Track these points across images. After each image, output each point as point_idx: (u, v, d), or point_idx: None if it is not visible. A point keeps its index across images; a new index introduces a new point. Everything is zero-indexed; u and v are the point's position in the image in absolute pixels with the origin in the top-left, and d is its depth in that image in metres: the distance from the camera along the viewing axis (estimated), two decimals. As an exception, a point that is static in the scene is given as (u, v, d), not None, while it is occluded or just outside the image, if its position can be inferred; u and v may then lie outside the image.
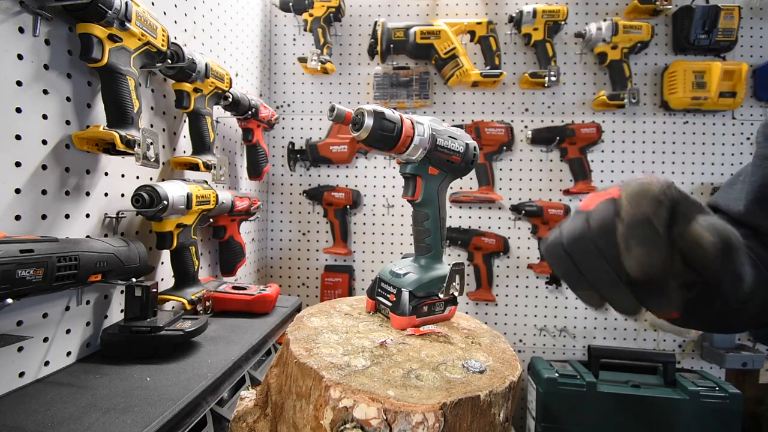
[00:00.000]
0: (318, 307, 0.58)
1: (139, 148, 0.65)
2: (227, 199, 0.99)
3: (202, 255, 1.01)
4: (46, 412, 0.48)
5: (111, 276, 0.63)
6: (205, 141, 0.93)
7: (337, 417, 0.35)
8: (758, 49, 1.53)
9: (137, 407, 0.50)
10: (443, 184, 0.56)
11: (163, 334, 0.64)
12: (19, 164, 0.55)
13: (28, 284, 0.48)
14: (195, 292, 0.84)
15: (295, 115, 1.66)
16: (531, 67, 1.57)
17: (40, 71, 0.58)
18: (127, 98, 0.65)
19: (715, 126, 1.54)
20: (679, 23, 1.51)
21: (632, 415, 1.22)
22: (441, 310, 0.56)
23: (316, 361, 0.40)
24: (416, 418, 0.33)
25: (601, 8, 1.57)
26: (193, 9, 1.00)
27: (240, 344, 0.73)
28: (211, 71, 0.91)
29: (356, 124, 0.48)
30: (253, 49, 1.45)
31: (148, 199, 0.70)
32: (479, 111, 1.61)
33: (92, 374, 0.59)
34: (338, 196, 1.57)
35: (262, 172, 1.29)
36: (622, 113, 1.56)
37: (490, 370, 0.42)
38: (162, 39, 0.73)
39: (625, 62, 1.49)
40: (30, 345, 0.57)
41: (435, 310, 0.55)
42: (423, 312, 0.54)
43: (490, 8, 1.60)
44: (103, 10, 0.59)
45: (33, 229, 0.58)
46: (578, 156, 1.53)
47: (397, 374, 0.39)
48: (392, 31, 1.51)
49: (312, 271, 1.66)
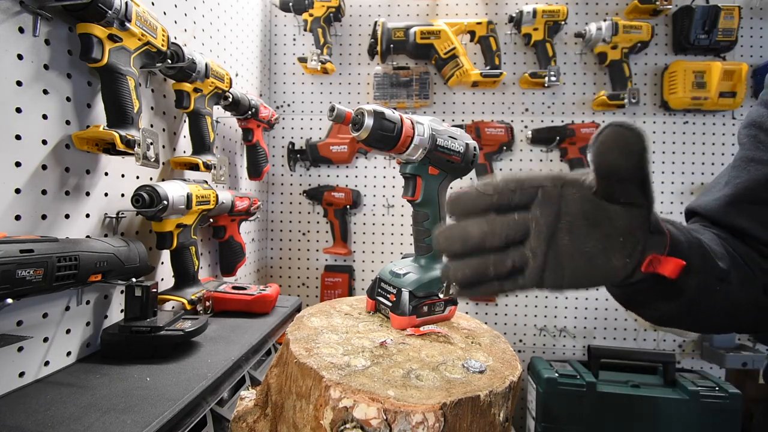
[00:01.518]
0: (318, 307, 0.58)
1: (139, 148, 0.65)
2: (227, 199, 0.99)
3: (202, 255, 1.01)
4: (46, 412, 0.48)
5: (111, 276, 0.63)
6: (205, 141, 0.93)
7: (337, 417, 0.35)
8: (758, 49, 1.53)
9: (137, 407, 0.50)
10: (443, 184, 0.56)
11: (163, 334, 0.64)
12: (19, 164, 0.55)
13: (28, 284, 0.48)
14: (195, 292, 0.84)
15: (295, 115, 1.66)
16: (531, 67, 1.57)
17: (40, 71, 0.58)
18: (127, 98, 0.65)
19: (715, 126, 1.54)
20: (679, 23, 1.51)
21: (632, 415, 1.22)
22: (441, 310, 0.56)
23: (316, 361, 0.40)
24: (416, 418, 0.33)
25: (601, 8, 1.57)
26: (193, 9, 1.00)
27: (240, 344, 0.73)
28: (211, 71, 0.91)
29: (356, 124, 0.48)
30: (253, 49, 1.45)
31: (148, 199, 0.70)
32: (479, 111, 1.61)
33: (92, 374, 0.59)
34: (338, 196, 1.57)
35: (262, 172, 1.29)
36: (622, 113, 1.56)
37: (490, 370, 0.42)
38: (162, 39, 0.73)
39: (625, 62, 1.49)
40: (30, 345, 0.57)
41: (435, 310, 0.55)
42: (423, 312, 0.54)
43: (490, 8, 1.60)
44: (103, 10, 0.59)
45: (33, 229, 0.58)
46: (578, 156, 1.53)
47: (397, 374, 0.39)
48: (392, 31, 1.51)
49: (312, 271, 1.66)
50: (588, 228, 0.31)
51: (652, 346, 1.55)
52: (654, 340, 1.56)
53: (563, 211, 0.31)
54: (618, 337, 1.57)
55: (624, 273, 0.32)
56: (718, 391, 1.22)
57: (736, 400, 1.21)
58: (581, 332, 1.58)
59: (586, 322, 1.58)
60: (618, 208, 0.31)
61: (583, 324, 1.58)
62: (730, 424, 1.20)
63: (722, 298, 0.39)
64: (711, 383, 1.26)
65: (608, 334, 1.57)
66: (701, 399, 1.20)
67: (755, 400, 1.50)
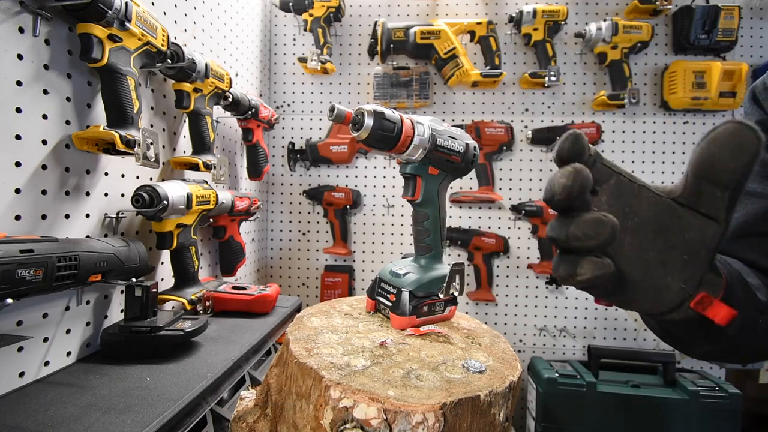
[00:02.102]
0: (318, 307, 0.58)
1: (139, 148, 0.65)
2: (227, 199, 0.99)
3: (202, 255, 1.01)
4: (46, 412, 0.48)
5: (111, 276, 0.63)
6: (205, 141, 0.93)
7: (337, 417, 0.35)
8: (758, 49, 1.53)
9: (137, 407, 0.50)
10: (443, 184, 0.56)
11: (163, 334, 0.64)
12: (19, 164, 0.55)
13: (28, 284, 0.48)
14: (195, 292, 0.84)
15: (295, 115, 1.66)
16: (531, 67, 1.57)
17: (40, 71, 0.58)
18: (127, 98, 0.65)
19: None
20: (679, 23, 1.51)
21: (632, 415, 1.22)
22: (441, 310, 0.56)
23: (316, 361, 0.40)
24: (416, 418, 0.33)
25: (601, 8, 1.57)
26: (193, 9, 1.00)
27: (240, 344, 0.73)
28: (211, 71, 0.91)
29: (356, 124, 0.48)
30: (253, 49, 1.45)
31: (148, 199, 0.70)
32: (479, 111, 1.61)
33: (92, 374, 0.59)
34: (338, 196, 1.57)
35: (262, 172, 1.29)
36: (622, 113, 1.56)
37: (490, 370, 0.42)
38: (162, 39, 0.73)
39: (625, 62, 1.49)
40: (30, 345, 0.57)
41: (435, 310, 0.55)
42: (423, 312, 0.54)
43: (490, 8, 1.60)
44: (103, 10, 0.59)
45: (33, 229, 0.58)
46: (578, 156, 1.53)
47: (397, 374, 0.39)
48: (392, 31, 1.51)
49: (312, 271, 1.66)
50: (654, 234, 0.28)
51: (652, 346, 1.55)
52: (654, 340, 1.56)
53: (634, 209, 0.28)
54: (618, 337, 1.57)
55: (674, 301, 0.29)
56: (718, 391, 1.22)
57: (736, 400, 1.21)
58: (581, 332, 1.58)
59: (586, 322, 1.58)
60: (694, 217, 0.28)
61: (583, 324, 1.58)
62: (730, 424, 1.20)
63: (764, 331, 0.35)
64: (711, 383, 1.26)
65: (608, 334, 1.57)
66: (701, 399, 1.20)
67: (755, 400, 1.50)
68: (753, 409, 1.51)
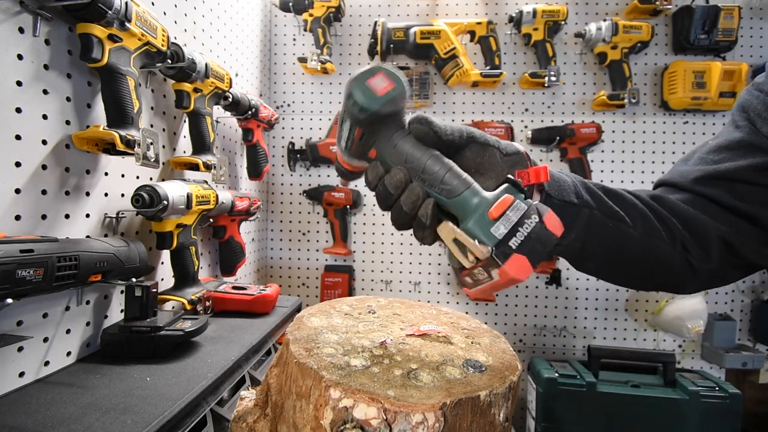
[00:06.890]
0: (318, 307, 0.58)
1: (139, 148, 0.65)
2: (227, 199, 0.99)
3: (202, 255, 1.01)
4: (46, 412, 0.48)
5: (111, 276, 0.63)
6: (205, 141, 0.93)
7: (337, 417, 0.35)
8: (758, 49, 1.53)
9: (137, 407, 0.50)
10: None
11: (163, 334, 0.64)
12: (19, 164, 0.55)
13: (28, 284, 0.48)
14: (195, 292, 0.84)
15: (295, 115, 1.66)
16: (531, 67, 1.57)
17: (40, 71, 0.58)
18: (127, 98, 0.65)
19: (715, 126, 1.54)
20: (679, 23, 1.51)
21: (632, 415, 1.22)
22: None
23: (316, 361, 0.40)
24: (416, 418, 0.33)
25: (601, 8, 1.57)
26: (193, 9, 1.00)
27: (240, 344, 0.73)
28: (211, 71, 0.91)
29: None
30: (253, 49, 1.45)
31: (148, 199, 0.70)
32: (479, 111, 1.61)
33: (92, 374, 0.59)
34: (338, 196, 1.57)
35: (262, 172, 1.29)
36: (622, 113, 1.56)
37: (490, 370, 0.42)
38: (162, 39, 0.73)
39: (625, 62, 1.49)
40: (30, 345, 0.57)
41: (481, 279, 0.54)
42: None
43: (490, 8, 1.60)
44: (103, 10, 0.59)
45: (33, 229, 0.58)
46: (578, 156, 1.53)
47: (397, 374, 0.39)
48: (392, 31, 1.51)
49: (312, 271, 1.66)
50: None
51: (652, 346, 1.56)
52: (654, 340, 1.56)
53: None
54: (618, 337, 1.57)
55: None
56: (718, 391, 1.22)
57: (736, 400, 1.21)
58: (581, 332, 1.58)
59: (586, 322, 1.58)
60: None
61: (583, 324, 1.58)
62: (730, 424, 1.20)
63: (614, 236, 0.45)
64: (711, 383, 1.26)
65: (608, 334, 1.57)
66: (701, 399, 1.20)
67: (755, 400, 1.50)
68: (753, 409, 1.51)
